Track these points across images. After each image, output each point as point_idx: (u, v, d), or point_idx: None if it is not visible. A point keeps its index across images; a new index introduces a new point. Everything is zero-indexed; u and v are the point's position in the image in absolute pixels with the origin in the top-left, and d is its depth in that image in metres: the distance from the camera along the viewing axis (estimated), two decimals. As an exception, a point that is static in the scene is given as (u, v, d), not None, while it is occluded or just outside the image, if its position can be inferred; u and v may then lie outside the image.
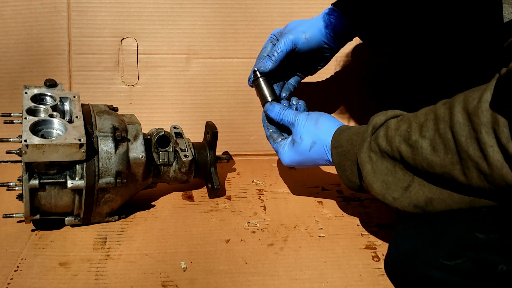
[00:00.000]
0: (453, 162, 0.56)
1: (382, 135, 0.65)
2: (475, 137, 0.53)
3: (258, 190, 0.97)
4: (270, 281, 0.74)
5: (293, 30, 0.85)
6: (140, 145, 0.83)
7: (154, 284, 0.72)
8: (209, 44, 1.10)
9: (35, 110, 0.79)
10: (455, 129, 0.55)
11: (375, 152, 0.66)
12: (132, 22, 1.08)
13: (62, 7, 1.06)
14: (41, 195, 0.76)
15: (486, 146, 0.52)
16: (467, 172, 0.55)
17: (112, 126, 0.81)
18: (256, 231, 0.85)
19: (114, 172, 0.79)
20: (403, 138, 0.62)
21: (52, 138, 0.74)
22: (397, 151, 0.62)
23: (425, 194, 0.62)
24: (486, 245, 0.59)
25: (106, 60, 1.08)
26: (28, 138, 0.70)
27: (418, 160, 0.60)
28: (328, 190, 0.97)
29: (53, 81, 0.85)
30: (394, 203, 0.65)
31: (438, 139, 0.57)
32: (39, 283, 0.72)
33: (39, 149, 0.70)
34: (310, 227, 0.86)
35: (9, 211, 0.80)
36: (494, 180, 0.53)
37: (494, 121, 0.51)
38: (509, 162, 0.51)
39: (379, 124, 0.68)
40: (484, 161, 0.53)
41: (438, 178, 0.59)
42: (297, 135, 0.80)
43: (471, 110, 0.53)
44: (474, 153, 0.53)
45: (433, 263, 0.62)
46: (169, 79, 1.09)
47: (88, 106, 0.85)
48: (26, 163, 0.72)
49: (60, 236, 0.82)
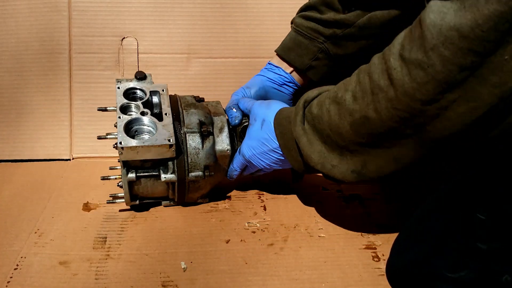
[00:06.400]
0: (368, 102, 0.57)
1: (315, 104, 0.67)
2: (385, 69, 0.54)
3: (258, 190, 0.97)
4: (270, 281, 0.74)
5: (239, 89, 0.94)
6: (225, 138, 0.85)
7: (154, 284, 0.72)
8: (209, 44, 1.10)
9: (127, 107, 0.84)
10: (370, 70, 0.57)
11: (309, 122, 0.67)
12: (132, 21, 1.08)
13: (62, 6, 1.06)
14: (138, 186, 0.83)
15: (391, 71, 0.53)
16: (378, 106, 0.56)
17: (199, 121, 0.84)
18: (256, 231, 0.85)
19: (202, 166, 0.83)
20: (331, 99, 0.63)
21: (143, 136, 0.80)
22: (327, 112, 0.63)
23: (358, 156, 0.63)
24: (489, 255, 0.59)
25: (106, 59, 1.08)
26: (123, 140, 0.76)
27: (342, 113, 0.61)
28: (328, 190, 0.97)
29: (143, 73, 0.88)
30: (333, 171, 0.66)
31: (358, 87, 0.59)
32: (38, 282, 0.72)
33: (133, 150, 0.76)
34: (310, 227, 0.86)
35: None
36: (399, 101, 0.54)
37: (401, 47, 0.53)
38: (408, 74, 0.52)
39: (312, 97, 0.69)
40: (390, 87, 0.54)
41: (359, 129, 0.60)
42: (252, 117, 0.83)
43: (385, 50, 0.56)
44: (384, 83, 0.55)
45: (437, 275, 0.62)
46: (169, 78, 1.09)
47: (176, 99, 0.88)
48: (123, 161, 0.79)
49: (60, 235, 0.82)
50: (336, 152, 0.65)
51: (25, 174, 1.00)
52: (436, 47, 0.49)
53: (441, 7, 0.48)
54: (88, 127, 1.07)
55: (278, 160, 0.79)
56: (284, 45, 0.94)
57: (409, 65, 0.51)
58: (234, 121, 0.87)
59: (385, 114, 0.56)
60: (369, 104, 0.57)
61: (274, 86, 0.94)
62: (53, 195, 0.93)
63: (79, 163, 1.06)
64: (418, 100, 0.52)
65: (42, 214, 0.87)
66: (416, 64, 0.51)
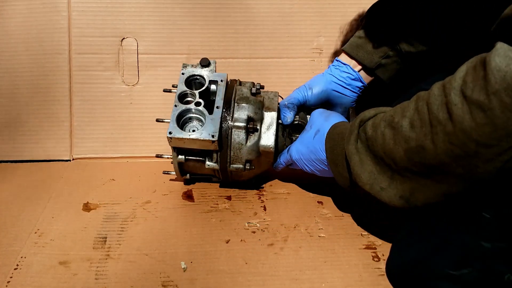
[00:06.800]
0: (426, 133, 0.57)
1: (370, 124, 0.66)
2: (445, 102, 0.54)
3: (258, 190, 0.97)
4: (270, 281, 0.74)
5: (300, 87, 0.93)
6: (271, 135, 0.88)
7: (154, 284, 0.72)
8: (209, 44, 1.10)
9: (184, 95, 0.90)
10: (430, 101, 0.56)
11: (362, 142, 0.67)
12: (132, 22, 1.08)
13: (62, 6, 1.06)
14: (187, 165, 0.91)
15: (451, 106, 0.53)
16: (435, 138, 0.56)
17: (247, 117, 0.87)
18: (256, 231, 0.85)
19: (244, 161, 0.88)
20: (387, 122, 0.63)
21: (193, 124, 0.88)
22: (381, 135, 0.63)
23: (407, 183, 0.62)
24: (492, 254, 0.59)
25: (106, 60, 1.08)
26: (173, 130, 0.83)
27: (398, 139, 0.60)
28: (328, 190, 0.97)
29: (207, 61, 0.92)
30: (381, 194, 0.65)
31: (416, 116, 0.58)
32: (38, 281, 0.72)
33: (181, 140, 0.83)
34: (310, 227, 0.86)
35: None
36: (456, 136, 0.53)
37: (463, 83, 0.52)
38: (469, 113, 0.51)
39: (368, 117, 0.68)
40: (449, 121, 0.54)
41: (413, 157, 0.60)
42: (309, 124, 0.85)
43: (446, 81, 0.55)
44: (442, 117, 0.54)
45: (439, 273, 0.62)
46: (169, 79, 1.09)
47: (232, 88, 0.91)
48: (173, 146, 0.86)
49: (60, 235, 0.82)
50: (387, 174, 0.64)
51: (25, 175, 1.00)
52: (498, 92, 0.49)
53: (508, 51, 0.48)
54: (88, 127, 1.07)
55: (322, 169, 0.81)
56: (353, 42, 0.92)
57: (470, 104, 0.51)
58: (286, 120, 0.89)
59: (440, 147, 0.55)
60: (427, 134, 0.57)
61: (338, 89, 0.93)
62: (53, 195, 0.93)
63: (79, 164, 1.06)
64: (474, 141, 0.52)
65: (42, 214, 0.87)
66: (477, 105, 0.51)
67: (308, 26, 1.11)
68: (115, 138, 1.08)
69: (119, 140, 1.08)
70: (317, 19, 1.11)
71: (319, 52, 1.12)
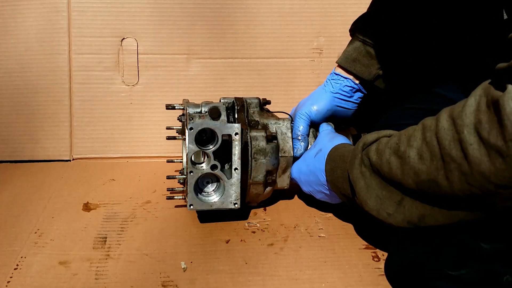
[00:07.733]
0: (438, 167, 0.55)
1: (374, 150, 0.64)
2: (458, 139, 0.53)
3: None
4: (270, 281, 0.74)
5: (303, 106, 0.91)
6: (286, 178, 0.88)
7: (154, 284, 0.72)
8: (209, 44, 1.10)
9: (197, 154, 0.83)
10: (440, 135, 0.55)
11: (367, 166, 0.65)
12: (132, 22, 1.08)
13: (62, 7, 1.06)
14: None
15: (466, 145, 0.51)
16: (449, 176, 0.54)
17: (266, 172, 0.84)
18: (256, 231, 0.85)
19: (258, 203, 0.90)
20: (392, 150, 0.61)
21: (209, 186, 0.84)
22: (387, 163, 0.61)
23: (418, 209, 0.60)
24: (491, 255, 0.59)
25: (106, 60, 1.08)
26: (193, 203, 0.81)
27: (406, 170, 0.59)
28: (328, 190, 0.97)
29: (218, 112, 0.80)
30: (388, 219, 0.64)
31: (425, 147, 0.57)
32: (38, 281, 0.72)
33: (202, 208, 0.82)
34: (310, 227, 0.86)
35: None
36: (474, 178, 0.52)
37: (477, 121, 0.51)
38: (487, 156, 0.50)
39: (370, 141, 0.67)
40: (465, 161, 0.52)
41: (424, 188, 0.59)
42: (314, 143, 0.85)
43: (456, 115, 0.53)
44: (456, 154, 0.53)
45: (437, 273, 0.62)
46: (169, 79, 1.09)
47: (247, 140, 0.83)
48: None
49: (60, 235, 0.82)
50: (394, 200, 0.63)
51: (25, 175, 1.00)
52: None
53: None
54: (88, 127, 1.07)
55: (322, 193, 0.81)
56: (348, 56, 0.90)
57: (488, 148, 0.50)
58: (296, 152, 0.87)
59: (457, 185, 0.54)
60: (439, 169, 0.55)
61: (342, 104, 0.92)
62: (53, 195, 0.93)
63: (79, 164, 1.06)
64: (493, 183, 0.51)
65: (42, 214, 0.87)
66: (495, 150, 0.49)
67: (308, 26, 1.11)
68: (115, 138, 1.08)
69: (119, 140, 1.08)
70: (317, 19, 1.11)
71: (319, 52, 1.12)
